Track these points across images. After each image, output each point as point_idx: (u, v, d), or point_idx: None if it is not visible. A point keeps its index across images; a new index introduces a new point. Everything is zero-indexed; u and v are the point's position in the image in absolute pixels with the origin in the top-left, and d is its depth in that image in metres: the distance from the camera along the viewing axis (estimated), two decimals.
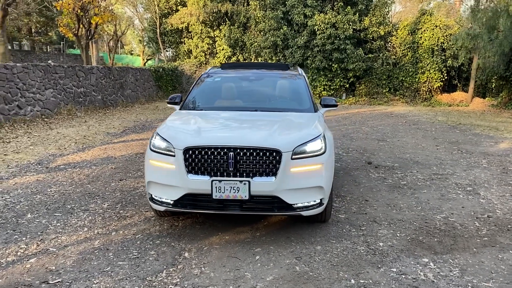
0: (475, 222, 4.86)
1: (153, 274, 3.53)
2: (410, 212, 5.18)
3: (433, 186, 6.37)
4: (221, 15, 24.26)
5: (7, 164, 7.31)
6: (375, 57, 21.08)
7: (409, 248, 4.12)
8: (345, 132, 11.80)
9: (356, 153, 8.90)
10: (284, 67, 6.03)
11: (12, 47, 38.36)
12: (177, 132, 4.33)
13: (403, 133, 11.74)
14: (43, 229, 4.46)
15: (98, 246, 4.08)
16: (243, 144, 3.95)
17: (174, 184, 4.04)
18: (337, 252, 4.00)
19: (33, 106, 12.81)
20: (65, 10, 16.29)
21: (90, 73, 16.15)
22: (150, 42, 32.19)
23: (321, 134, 4.31)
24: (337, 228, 4.62)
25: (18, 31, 34.88)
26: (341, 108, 19.16)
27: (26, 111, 12.48)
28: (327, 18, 20.08)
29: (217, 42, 24.66)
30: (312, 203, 4.16)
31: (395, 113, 16.84)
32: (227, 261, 3.79)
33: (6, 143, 9.29)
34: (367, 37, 20.90)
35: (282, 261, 3.80)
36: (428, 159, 8.25)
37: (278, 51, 22.15)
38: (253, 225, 4.62)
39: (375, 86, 21.47)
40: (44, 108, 13.30)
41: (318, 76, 21.70)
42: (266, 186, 3.92)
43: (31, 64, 13.04)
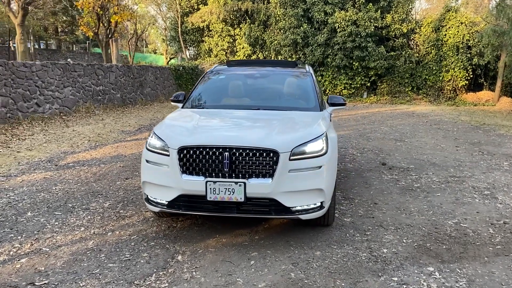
0: (489, 228, 4.58)
1: (142, 278, 3.42)
2: (420, 216, 4.93)
3: (448, 189, 6.08)
4: (241, 13, 24.13)
5: (18, 161, 7.36)
6: (398, 55, 20.58)
7: (415, 256, 3.89)
8: (363, 132, 11.51)
9: (371, 153, 8.63)
10: (292, 64, 5.84)
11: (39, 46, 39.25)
12: (173, 131, 4.21)
13: (423, 133, 11.37)
14: (40, 228, 4.41)
15: (92, 246, 4.00)
16: (239, 144, 3.80)
17: (169, 184, 3.92)
18: (336, 258, 3.80)
19: (51, 104, 12.96)
20: (86, 9, 16.47)
21: (109, 72, 16.27)
22: (172, 41, 32.37)
23: (323, 134, 4.12)
24: (340, 232, 4.41)
25: (44, 30, 35.60)
26: (362, 107, 18.80)
27: (45, 109, 12.63)
28: (348, 15, 19.70)
29: (237, 40, 24.56)
30: (312, 206, 3.97)
31: (416, 113, 16.39)
32: (220, 266, 3.65)
33: (21, 140, 9.39)
34: (389, 34, 20.42)
35: (278, 267, 3.63)
36: (446, 161, 7.92)
37: (298, 49, 21.88)
38: (253, 228, 4.46)
39: (397, 85, 20.96)
40: (62, 106, 13.45)
41: (338, 75, 21.34)
42: (262, 188, 3.76)
43: (50, 62, 13.21)
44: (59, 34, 37.69)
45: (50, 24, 33.17)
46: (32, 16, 31.38)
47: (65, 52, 38.53)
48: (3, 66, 11.10)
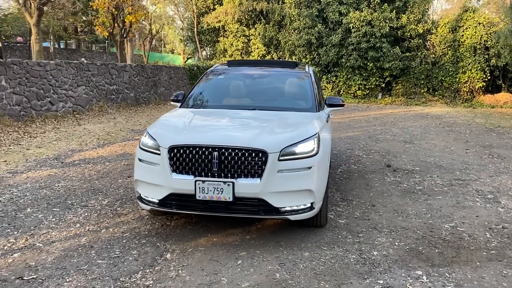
0: (486, 233, 4.49)
1: (128, 275, 3.46)
2: (417, 219, 4.86)
3: (451, 192, 5.98)
4: (256, 13, 24.17)
5: (26, 159, 7.51)
6: (413, 56, 20.33)
7: (405, 259, 3.84)
8: (372, 133, 11.41)
9: (378, 155, 8.55)
10: (292, 65, 5.83)
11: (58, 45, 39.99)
12: (165, 130, 4.24)
13: (434, 135, 11.21)
14: (36, 224, 4.50)
15: (84, 243, 4.06)
16: (228, 143, 3.81)
17: (159, 183, 3.96)
18: (324, 260, 3.79)
19: (65, 102, 13.20)
20: (101, 9, 16.72)
21: (123, 71, 16.48)
22: (189, 41, 32.59)
23: (314, 135, 4.10)
24: (333, 234, 4.39)
25: (64, 30, 36.26)
26: (375, 108, 18.63)
27: (58, 107, 12.87)
28: (362, 15, 19.55)
29: (252, 40, 24.61)
30: (302, 207, 3.96)
31: (430, 114, 16.16)
32: (207, 265, 3.67)
33: (32, 137, 9.59)
34: (404, 35, 20.19)
35: (264, 267, 3.63)
36: (453, 163, 7.79)
37: (312, 49, 21.80)
38: (246, 228, 4.47)
39: (413, 86, 20.71)
40: (76, 104, 13.68)
41: (353, 75, 21.19)
42: (250, 188, 3.77)
43: (64, 61, 13.46)
44: (79, 34, 38.35)
45: (69, 24, 33.76)
46: (52, 16, 32.01)
47: (84, 51, 39.21)
48: (17, 65, 11.35)
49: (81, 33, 38.09)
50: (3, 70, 10.79)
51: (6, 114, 10.78)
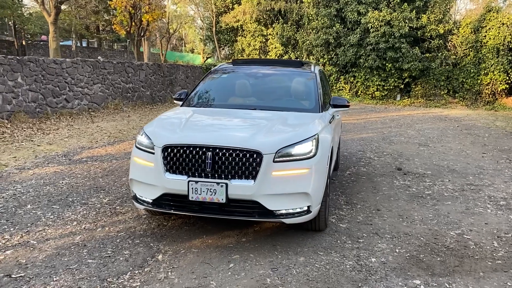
0: (493, 241, 4.29)
1: (116, 276, 3.41)
2: (421, 225, 4.69)
3: (461, 197, 5.77)
4: (274, 13, 24.06)
5: (36, 155, 7.58)
6: (433, 57, 19.89)
7: (404, 267, 3.69)
8: (387, 135, 11.17)
9: (390, 157, 8.34)
10: (298, 64, 5.70)
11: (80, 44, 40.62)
12: (161, 129, 4.18)
13: (451, 138, 10.91)
14: (34, 221, 4.50)
15: (78, 241, 4.03)
16: (221, 144, 3.73)
17: (153, 183, 3.90)
18: (319, 265, 3.66)
19: (80, 100, 13.33)
20: (118, 8, 16.85)
21: (140, 70, 16.58)
22: (208, 40, 32.69)
23: (313, 136, 3.97)
24: (332, 238, 4.26)
25: (86, 29, 36.80)
26: (393, 109, 18.30)
27: (73, 105, 13.01)
28: (381, 15, 19.23)
29: (269, 40, 24.50)
30: (298, 210, 3.84)
31: (449, 117, 15.77)
32: (198, 267, 3.58)
33: (45, 134, 9.69)
34: (424, 35, 19.78)
35: (256, 272, 3.53)
36: (467, 168, 7.54)
37: (330, 49, 21.57)
38: (243, 230, 4.37)
39: (432, 88, 20.28)
40: (91, 102, 13.81)
41: (371, 76, 20.88)
42: (244, 189, 3.67)
43: (80, 59, 13.59)
44: (100, 33, 38.87)
45: (91, 23, 34.25)
46: (74, 15, 32.53)
47: (105, 50, 39.74)
48: (34, 62, 11.51)
49: (103, 32, 38.59)
50: (20, 67, 10.95)
51: (22, 111, 10.93)
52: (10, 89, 10.61)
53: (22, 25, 30.30)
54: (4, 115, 10.35)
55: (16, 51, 29.93)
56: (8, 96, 10.55)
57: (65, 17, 31.92)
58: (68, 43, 37.58)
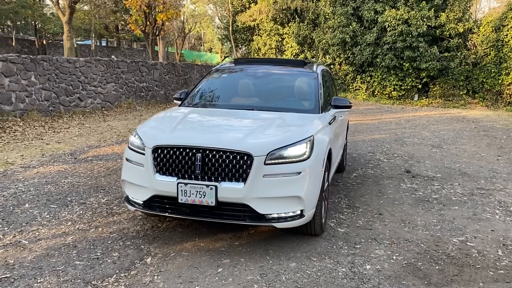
0: (498, 250, 4.10)
1: (101, 278, 3.35)
2: (424, 231, 4.52)
3: (470, 202, 5.56)
4: (291, 11, 23.90)
5: (43, 153, 7.63)
6: (452, 56, 19.42)
7: (399, 275, 3.54)
8: (400, 136, 10.93)
9: (400, 159, 8.14)
10: (300, 63, 5.57)
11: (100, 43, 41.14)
12: (153, 130, 4.12)
13: (466, 140, 10.60)
14: (29, 220, 4.49)
15: (69, 242, 4.00)
16: (212, 145, 3.64)
17: (143, 184, 3.84)
18: (310, 272, 3.54)
19: (93, 98, 13.44)
20: (133, 8, 16.95)
21: (154, 69, 16.65)
22: (225, 40, 32.74)
23: (308, 138, 3.85)
24: (328, 243, 4.13)
25: (105, 28, 37.24)
26: (410, 110, 17.94)
27: (87, 103, 13.12)
28: (399, 14, 18.88)
29: (285, 39, 24.35)
30: (291, 214, 3.73)
31: (467, 118, 15.37)
32: (186, 271, 3.51)
33: (56, 132, 9.78)
34: (443, 34, 19.32)
35: (244, 277, 3.43)
36: (480, 171, 7.29)
37: (347, 48, 21.30)
38: (237, 233, 4.28)
39: (451, 88, 19.81)
40: (104, 101, 13.91)
41: (388, 76, 20.55)
42: (234, 192, 3.58)
43: (94, 58, 13.69)
44: (119, 32, 39.28)
45: (110, 22, 34.61)
46: (94, 15, 32.94)
47: (124, 49, 40.15)
48: (47, 61, 11.64)
49: (122, 31, 38.98)
50: (33, 66, 11.08)
51: (35, 109, 11.06)
52: (24, 88, 10.74)
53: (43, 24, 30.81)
54: (17, 114, 10.48)
55: (36, 50, 30.47)
56: (22, 94, 10.68)
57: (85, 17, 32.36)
58: (88, 43, 38.12)
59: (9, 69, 10.33)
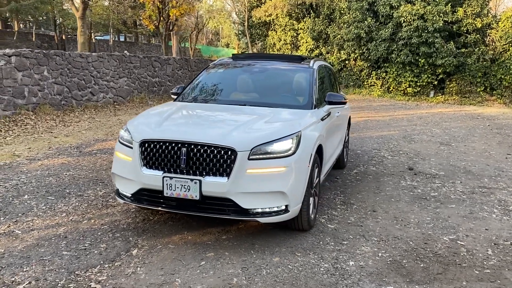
0: (488, 249, 4.04)
1: (85, 269, 3.43)
2: (415, 229, 4.48)
3: (468, 200, 5.48)
4: (306, 7, 23.76)
5: (50, 146, 7.80)
6: (469, 52, 19.00)
7: (381, 272, 3.52)
8: (409, 133, 10.79)
9: (405, 157, 8.05)
10: (297, 59, 5.55)
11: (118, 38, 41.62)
12: (141, 124, 4.18)
13: (477, 137, 10.41)
14: (25, 211, 4.61)
15: (60, 233, 4.10)
16: (196, 140, 3.68)
17: (131, 177, 3.91)
18: (292, 267, 3.55)
19: (105, 93, 13.64)
20: (147, 3, 17.10)
21: (167, 64, 16.79)
22: (241, 35, 32.74)
23: (294, 134, 3.86)
24: (315, 239, 4.13)
25: (123, 24, 37.64)
26: (424, 107, 17.67)
27: (99, 98, 13.32)
28: (414, 9, 18.57)
29: (300, 34, 24.22)
30: (276, 209, 3.75)
31: (483, 115, 15.06)
32: (169, 264, 3.56)
33: (66, 126, 9.98)
34: (460, 30, 18.92)
35: (225, 271, 3.46)
36: (485, 169, 7.16)
37: (362, 44, 21.06)
38: (226, 227, 4.31)
39: (468, 84, 19.41)
40: (116, 95, 14.10)
41: (403, 72, 20.25)
42: (218, 187, 3.61)
43: (106, 53, 13.88)
44: (137, 28, 39.65)
45: (128, 17, 34.96)
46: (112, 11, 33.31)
47: (142, 44, 40.53)
48: (60, 56, 11.85)
49: (140, 26, 39.34)
50: (46, 61, 11.30)
51: (47, 103, 11.29)
52: (36, 82, 10.97)
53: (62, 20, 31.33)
54: (30, 107, 10.71)
55: (56, 45, 31.02)
56: (34, 88, 10.91)
57: (103, 12, 32.76)
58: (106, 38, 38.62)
59: (22, 64, 10.56)
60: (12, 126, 9.36)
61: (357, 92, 22.41)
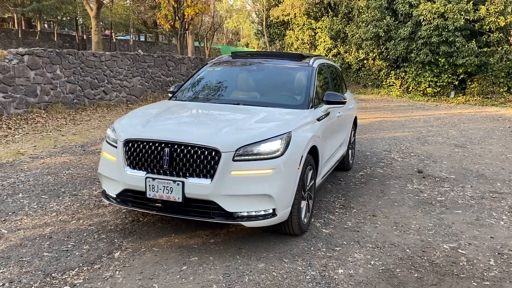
0: (491, 259, 3.79)
1: (62, 271, 3.34)
2: (415, 236, 4.25)
3: (476, 206, 5.21)
4: (324, 5, 23.47)
5: (55, 145, 7.82)
6: (492, 52, 18.40)
7: (371, 282, 3.32)
8: (424, 135, 10.46)
9: (416, 159, 7.77)
10: (297, 57, 5.36)
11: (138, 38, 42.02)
12: (127, 124, 4.06)
13: (495, 140, 10.01)
14: (16, 210, 4.57)
15: (46, 233, 4.03)
16: (179, 140, 3.55)
17: (115, 178, 3.81)
18: (277, 274, 3.39)
19: (118, 92, 13.69)
20: (163, 2, 17.13)
21: (181, 63, 16.78)
22: (259, 34, 32.63)
23: (284, 134, 3.69)
24: (307, 244, 3.95)
25: (143, 24, 37.97)
26: (444, 107, 17.19)
27: (112, 97, 13.38)
28: (434, 7, 18.09)
29: (318, 34, 23.93)
30: (262, 213, 3.59)
31: (504, 116, 14.53)
32: (149, 268, 3.44)
33: (76, 125, 10.02)
34: (482, 28, 18.34)
35: (206, 277, 3.32)
36: (499, 173, 6.84)
37: (381, 43, 20.67)
38: (216, 230, 4.17)
39: (490, 85, 18.81)
40: (130, 94, 14.14)
41: (423, 71, 19.78)
42: (201, 188, 3.47)
43: (120, 53, 13.93)
44: (158, 27, 39.93)
45: (148, 18, 35.26)
46: (132, 10, 33.66)
47: (162, 44, 40.80)
48: (73, 55, 11.93)
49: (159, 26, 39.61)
50: (59, 59, 11.40)
51: (60, 102, 11.39)
52: (49, 81, 11.07)
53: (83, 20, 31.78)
54: (42, 106, 10.81)
55: (77, 44, 31.49)
56: (47, 87, 11.01)
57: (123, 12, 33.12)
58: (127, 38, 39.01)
59: (35, 63, 10.67)
60: (23, 124, 9.45)
61: (375, 92, 22.02)
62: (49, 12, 28.61)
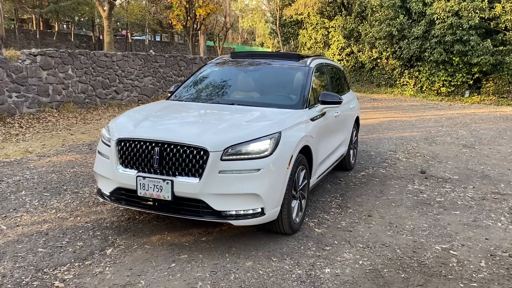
0: (482, 260, 3.76)
1: (54, 267, 3.43)
2: (408, 236, 4.24)
3: (475, 207, 5.16)
4: (337, 4, 23.36)
5: (63, 143, 7.98)
6: (508, 50, 18.06)
7: (356, 281, 3.33)
8: (433, 135, 10.36)
9: (421, 159, 7.71)
10: (296, 57, 5.37)
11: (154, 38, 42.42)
12: (122, 123, 4.15)
13: (506, 140, 9.85)
14: (17, 207, 4.70)
15: (43, 229, 4.14)
16: (169, 139, 3.61)
17: (108, 176, 3.90)
18: (263, 272, 3.42)
19: (130, 91, 13.87)
20: (175, 2, 17.28)
21: (193, 63, 16.90)
22: (273, 34, 32.63)
23: (273, 134, 3.72)
24: (297, 244, 3.98)
25: (159, 24, 38.33)
26: (457, 107, 16.96)
27: (123, 96, 13.57)
28: (449, 5, 17.85)
29: (331, 33, 23.83)
30: (251, 212, 3.63)
31: None
32: (139, 265, 3.51)
33: (86, 124, 10.21)
34: (498, 26, 18.03)
35: (193, 274, 3.38)
36: (505, 174, 6.74)
37: (394, 42, 20.49)
38: (209, 229, 4.23)
39: (507, 84, 18.48)
40: (141, 94, 14.32)
41: (437, 71, 19.55)
42: (189, 187, 3.53)
43: (131, 53, 14.11)
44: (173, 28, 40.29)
45: (163, 18, 35.58)
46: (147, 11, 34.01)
47: (176, 44, 41.15)
48: (84, 55, 12.14)
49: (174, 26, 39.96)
50: (70, 60, 11.61)
51: (71, 101, 11.60)
52: (61, 81, 11.28)
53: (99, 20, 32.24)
54: (54, 105, 11.03)
55: (93, 45, 31.98)
56: (58, 87, 11.23)
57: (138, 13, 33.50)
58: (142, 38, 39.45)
59: (47, 63, 10.89)
60: (34, 123, 9.67)
61: (389, 92, 21.84)
62: (66, 13, 29.12)
